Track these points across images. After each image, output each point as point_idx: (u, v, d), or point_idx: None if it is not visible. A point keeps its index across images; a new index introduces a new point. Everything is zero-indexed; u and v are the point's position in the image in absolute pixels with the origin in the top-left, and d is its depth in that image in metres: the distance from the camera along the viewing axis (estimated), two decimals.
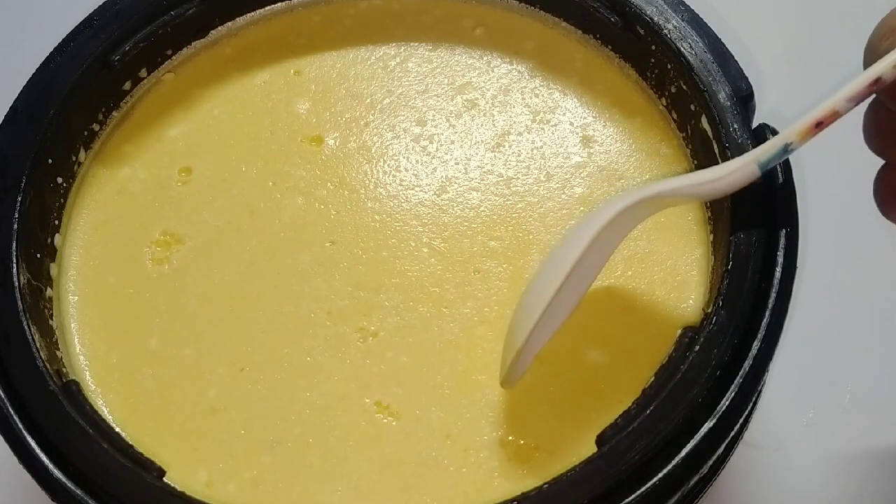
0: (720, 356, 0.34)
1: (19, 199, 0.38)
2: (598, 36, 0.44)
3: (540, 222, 0.41)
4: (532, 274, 0.39)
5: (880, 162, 0.36)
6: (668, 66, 0.40)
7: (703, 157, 0.40)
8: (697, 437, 0.33)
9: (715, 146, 0.38)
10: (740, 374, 0.34)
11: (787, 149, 0.34)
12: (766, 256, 0.35)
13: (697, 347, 0.34)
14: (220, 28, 0.46)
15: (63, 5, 0.45)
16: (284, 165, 0.43)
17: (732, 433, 0.34)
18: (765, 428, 0.44)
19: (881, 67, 0.32)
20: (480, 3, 0.46)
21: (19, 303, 0.36)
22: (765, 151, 0.34)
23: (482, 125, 0.43)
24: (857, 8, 0.52)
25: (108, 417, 0.37)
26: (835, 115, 0.34)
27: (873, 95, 0.33)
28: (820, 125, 0.34)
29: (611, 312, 0.38)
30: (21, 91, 0.41)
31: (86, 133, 0.43)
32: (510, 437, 0.36)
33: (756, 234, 0.35)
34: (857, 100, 0.33)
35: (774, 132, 0.37)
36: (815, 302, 0.46)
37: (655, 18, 0.40)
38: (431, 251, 0.40)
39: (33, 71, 0.41)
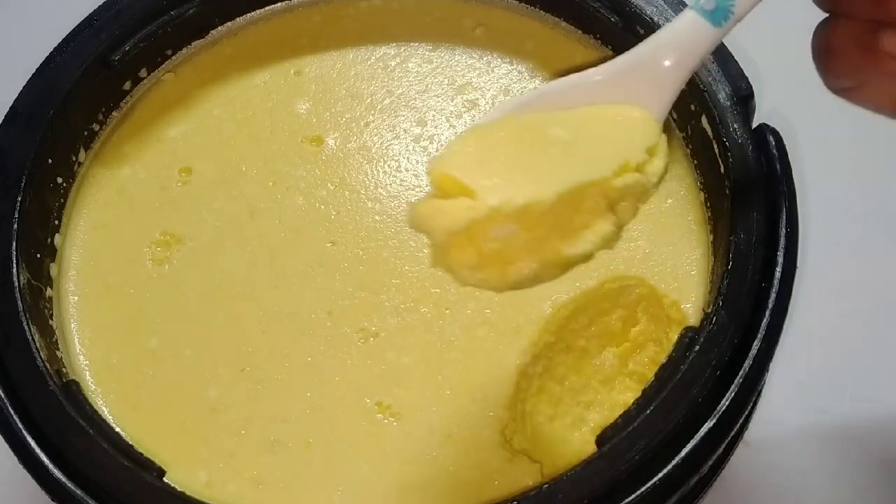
0: (720, 356, 0.34)
1: (19, 199, 0.38)
2: (598, 36, 0.44)
3: None
4: None
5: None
6: None
7: (703, 156, 0.40)
8: (697, 437, 0.33)
9: (715, 146, 0.38)
10: (740, 374, 0.34)
11: None
12: (766, 256, 0.35)
13: (697, 347, 0.34)
14: (220, 28, 0.46)
15: (63, 5, 0.44)
16: (284, 165, 0.43)
17: (732, 433, 0.34)
18: (765, 428, 0.44)
19: None
20: (480, 3, 0.46)
21: (19, 303, 0.36)
22: None
23: None
24: None
25: (108, 417, 0.37)
26: None
27: None
28: None
29: (612, 314, 0.39)
30: (21, 91, 0.41)
31: (86, 133, 0.43)
32: (510, 438, 0.36)
33: (756, 234, 0.35)
34: None
35: (775, 132, 0.37)
36: (815, 302, 0.46)
37: (655, 18, 0.40)
38: None
39: (33, 71, 0.41)
